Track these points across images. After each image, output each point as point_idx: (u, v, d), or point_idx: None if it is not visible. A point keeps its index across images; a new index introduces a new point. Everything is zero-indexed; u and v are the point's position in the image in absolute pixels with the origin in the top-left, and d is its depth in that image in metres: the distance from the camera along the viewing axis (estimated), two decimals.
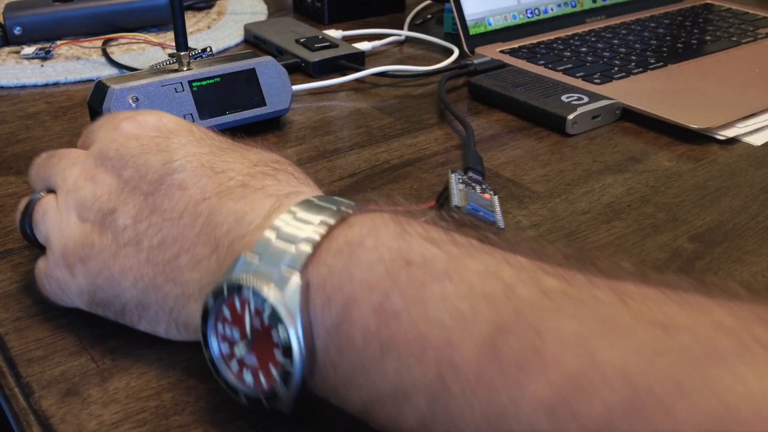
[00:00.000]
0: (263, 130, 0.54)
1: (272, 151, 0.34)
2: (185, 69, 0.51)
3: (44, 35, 0.70)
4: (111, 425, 0.29)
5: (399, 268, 0.25)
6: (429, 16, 0.83)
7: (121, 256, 0.31)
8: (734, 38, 0.73)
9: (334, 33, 0.74)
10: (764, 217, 0.44)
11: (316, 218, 0.27)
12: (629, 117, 0.57)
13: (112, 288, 0.31)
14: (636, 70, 0.64)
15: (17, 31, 0.69)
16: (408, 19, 0.80)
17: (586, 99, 0.56)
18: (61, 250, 0.32)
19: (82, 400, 0.30)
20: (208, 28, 0.77)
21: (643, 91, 0.60)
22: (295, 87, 0.58)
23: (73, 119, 0.56)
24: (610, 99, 0.57)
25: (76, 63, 0.67)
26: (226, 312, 0.27)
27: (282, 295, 0.25)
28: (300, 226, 0.27)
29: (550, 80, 0.60)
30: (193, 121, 0.50)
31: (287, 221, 0.27)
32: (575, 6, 0.77)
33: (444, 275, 0.24)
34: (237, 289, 0.26)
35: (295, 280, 0.25)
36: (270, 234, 0.27)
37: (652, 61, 0.66)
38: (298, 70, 0.66)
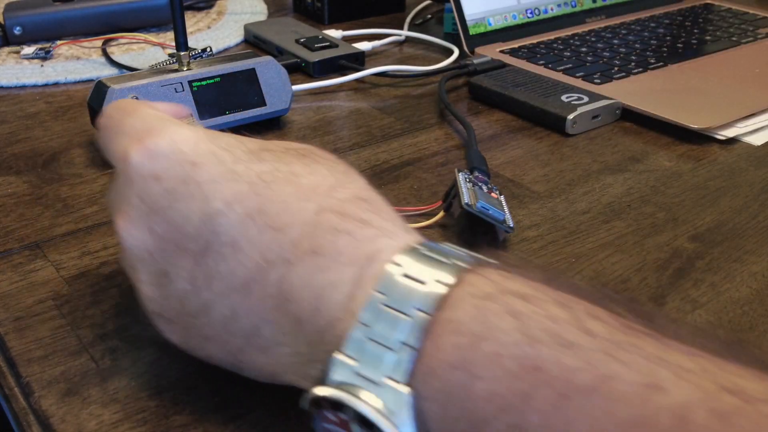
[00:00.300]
0: (263, 130, 0.54)
1: (325, 167, 0.28)
2: (185, 69, 0.51)
3: (44, 35, 0.70)
4: (111, 425, 0.29)
5: (530, 382, 0.21)
6: (429, 16, 0.83)
7: (197, 326, 0.27)
8: (734, 38, 0.73)
9: (334, 33, 0.74)
10: (764, 217, 0.44)
11: (409, 305, 0.23)
12: (629, 117, 0.57)
13: (202, 352, 0.29)
14: (636, 70, 0.64)
15: (17, 31, 0.69)
16: (408, 19, 0.80)
17: (586, 99, 0.57)
18: (145, 307, 0.29)
19: (82, 399, 0.30)
20: (208, 28, 0.77)
21: (643, 91, 0.60)
22: (295, 87, 0.58)
23: (73, 119, 0.56)
24: (610, 99, 0.57)
25: (76, 63, 0.67)
26: (330, 416, 0.24)
27: (391, 414, 0.22)
28: (392, 320, 0.23)
29: (550, 80, 0.60)
30: (193, 122, 0.50)
31: (376, 309, 0.23)
32: (575, 6, 0.77)
33: (590, 389, 0.20)
34: (338, 405, 0.23)
35: (405, 397, 0.22)
36: (361, 331, 0.23)
37: (652, 61, 0.66)
38: (298, 70, 0.66)
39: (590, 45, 0.70)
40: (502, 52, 0.68)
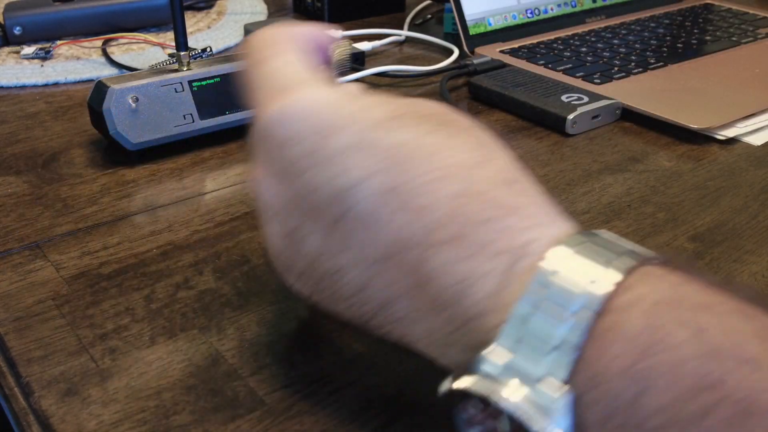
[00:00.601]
0: None
1: (469, 139, 0.26)
2: (185, 69, 0.51)
3: (44, 35, 0.70)
4: (111, 425, 0.29)
5: (708, 398, 0.19)
6: (429, 16, 0.83)
7: (328, 287, 0.27)
8: (734, 38, 0.73)
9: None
10: (764, 217, 0.44)
11: (572, 303, 0.22)
12: (629, 117, 0.57)
13: (330, 309, 0.28)
14: (636, 70, 0.64)
15: (17, 31, 0.69)
16: (408, 19, 0.80)
17: (586, 99, 0.57)
18: (274, 262, 0.29)
19: (82, 399, 0.30)
20: (208, 28, 0.77)
21: (643, 91, 0.60)
22: None
23: (73, 119, 0.56)
24: (610, 99, 0.57)
25: (76, 63, 0.67)
26: (473, 408, 0.23)
27: (546, 416, 0.21)
28: (552, 318, 0.22)
29: (550, 80, 0.60)
30: (193, 121, 0.50)
31: (534, 302, 0.22)
32: (575, 6, 0.77)
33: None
34: (486, 401, 0.22)
35: (561, 400, 0.21)
36: (516, 325, 0.22)
37: (652, 61, 0.66)
38: None
39: (590, 45, 0.70)
40: (502, 52, 0.68)
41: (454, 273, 0.23)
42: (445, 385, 0.23)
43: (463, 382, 0.22)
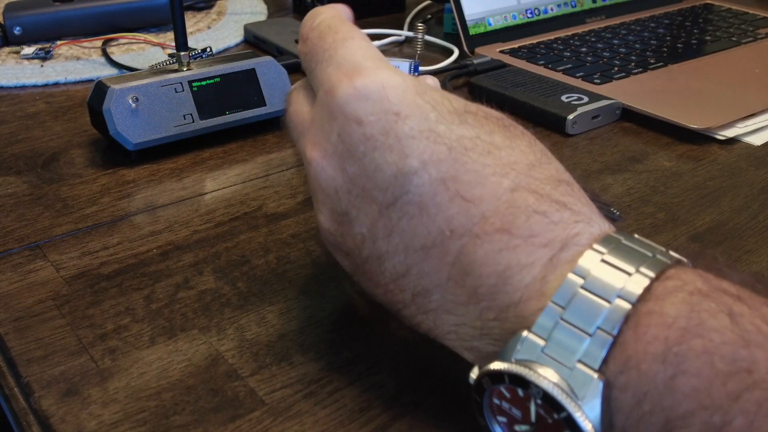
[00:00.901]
0: (263, 130, 0.54)
1: (525, 143, 0.27)
2: (185, 69, 0.51)
3: (44, 35, 0.70)
4: (111, 425, 0.29)
5: (740, 382, 0.20)
6: (429, 16, 0.83)
7: (366, 270, 0.28)
8: (734, 38, 0.73)
9: None
10: (764, 217, 0.44)
11: (611, 292, 0.22)
12: (629, 117, 0.57)
13: (367, 290, 0.29)
14: (636, 70, 0.64)
15: (17, 31, 0.69)
16: (408, 19, 0.80)
17: (586, 99, 0.57)
18: (323, 237, 0.30)
19: (82, 400, 0.30)
20: (208, 28, 0.77)
21: (643, 91, 0.60)
22: None
23: (73, 119, 0.56)
24: (610, 99, 0.57)
25: (76, 63, 0.67)
26: (505, 392, 0.24)
27: (578, 398, 0.22)
28: (590, 305, 0.22)
29: (550, 80, 0.60)
30: (193, 121, 0.50)
31: (572, 292, 0.23)
32: (575, 6, 0.77)
33: None
34: (521, 382, 0.23)
35: (595, 383, 0.22)
36: (554, 312, 0.23)
37: (652, 61, 0.66)
38: (298, 70, 0.66)
39: (590, 45, 0.70)
40: (502, 52, 0.68)
41: (498, 262, 0.24)
42: (476, 371, 0.24)
43: (499, 365, 0.23)
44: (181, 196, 0.46)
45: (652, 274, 0.23)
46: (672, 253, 0.25)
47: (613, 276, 0.23)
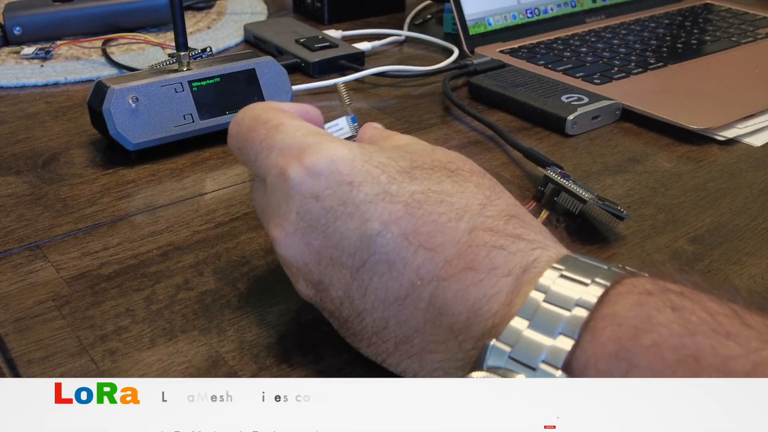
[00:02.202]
0: None
1: (474, 184, 0.29)
2: (185, 69, 0.51)
3: (44, 35, 0.70)
4: None
5: (688, 370, 0.22)
6: (429, 16, 0.83)
7: (349, 327, 0.30)
8: (734, 38, 0.73)
9: (334, 33, 0.74)
10: (764, 219, 0.44)
11: (570, 302, 0.24)
12: (629, 117, 0.57)
13: (352, 345, 0.31)
14: (636, 70, 0.64)
15: (17, 31, 0.69)
16: (408, 19, 0.80)
17: (586, 99, 0.56)
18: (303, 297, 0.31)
19: None
20: (208, 28, 0.77)
21: (643, 91, 0.60)
22: (295, 87, 0.58)
23: (73, 119, 0.56)
24: (610, 99, 0.57)
25: (76, 63, 0.67)
26: None
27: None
28: (552, 315, 0.24)
29: (550, 80, 0.60)
30: (193, 121, 0.50)
31: (535, 306, 0.25)
32: (575, 6, 0.77)
33: (746, 375, 0.22)
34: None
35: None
36: (519, 323, 0.24)
37: (652, 61, 0.66)
38: (298, 70, 0.66)
39: (590, 45, 0.70)
40: (502, 52, 0.68)
41: (466, 300, 0.26)
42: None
43: (475, 375, 0.24)
44: (181, 196, 0.46)
45: (606, 283, 0.25)
46: (627, 267, 0.27)
47: (571, 288, 0.25)
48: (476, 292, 0.26)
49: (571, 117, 0.54)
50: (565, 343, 0.24)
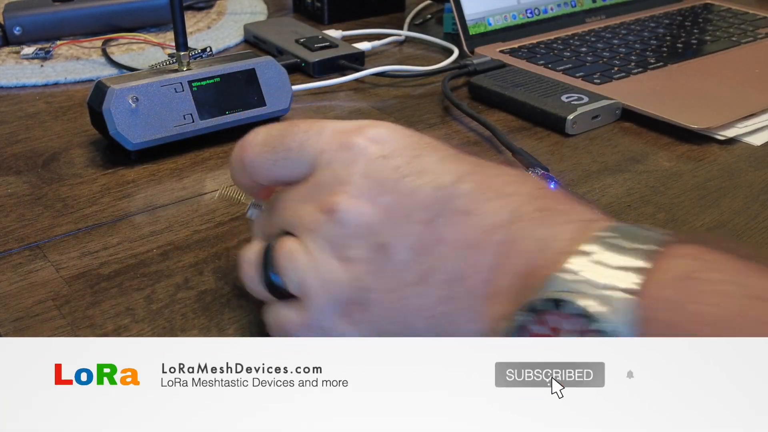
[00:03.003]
0: None
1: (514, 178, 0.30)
2: (185, 69, 0.51)
3: (44, 35, 0.70)
4: None
5: (748, 305, 0.23)
6: (429, 16, 0.83)
7: (410, 296, 0.28)
8: (734, 38, 0.73)
9: (334, 33, 0.74)
10: (764, 218, 0.44)
11: (635, 246, 0.25)
12: (629, 117, 0.57)
13: (400, 330, 0.29)
14: (636, 70, 0.64)
15: (17, 31, 0.69)
16: (408, 19, 0.80)
17: (586, 99, 0.57)
18: (329, 299, 0.28)
19: None
20: (208, 28, 0.77)
21: (643, 91, 0.60)
22: (295, 87, 0.58)
23: (73, 119, 0.56)
24: (610, 99, 0.57)
25: (76, 63, 0.67)
26: (536, 327, 0.25)
27: (612, 313, 0.24)
28: (617, 253, 0.25)
29: (550, 80, 0.60)
30: (193, 121, 0.50)
31: (602, 247, 0.25)
32: (575, 6, 0.77)
33: None
34: (555, 303, 0.25)
35: (625, 300, 0.24)
36: (583, 260, 0.25)
37: (652, 61, 0.66)
38: (298, 70, 0.66)
39: (590, 45, 0.70)
40: (502, 52, 0.68)
41: (534, 236, 0.27)
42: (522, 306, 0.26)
43: (539, 296, 0.25)
44: (181, 196, 0.46)
45: (668, 239, 0.26)
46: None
47: (639, 231, 0.26)
48: (543, 232, 0.27)
49: (571, 117, 0.54)
50: (635, 273, 0.24)
